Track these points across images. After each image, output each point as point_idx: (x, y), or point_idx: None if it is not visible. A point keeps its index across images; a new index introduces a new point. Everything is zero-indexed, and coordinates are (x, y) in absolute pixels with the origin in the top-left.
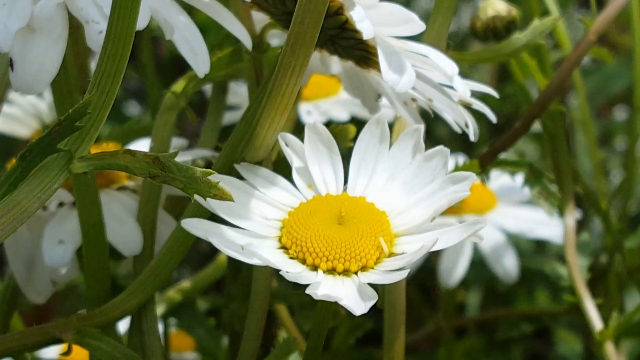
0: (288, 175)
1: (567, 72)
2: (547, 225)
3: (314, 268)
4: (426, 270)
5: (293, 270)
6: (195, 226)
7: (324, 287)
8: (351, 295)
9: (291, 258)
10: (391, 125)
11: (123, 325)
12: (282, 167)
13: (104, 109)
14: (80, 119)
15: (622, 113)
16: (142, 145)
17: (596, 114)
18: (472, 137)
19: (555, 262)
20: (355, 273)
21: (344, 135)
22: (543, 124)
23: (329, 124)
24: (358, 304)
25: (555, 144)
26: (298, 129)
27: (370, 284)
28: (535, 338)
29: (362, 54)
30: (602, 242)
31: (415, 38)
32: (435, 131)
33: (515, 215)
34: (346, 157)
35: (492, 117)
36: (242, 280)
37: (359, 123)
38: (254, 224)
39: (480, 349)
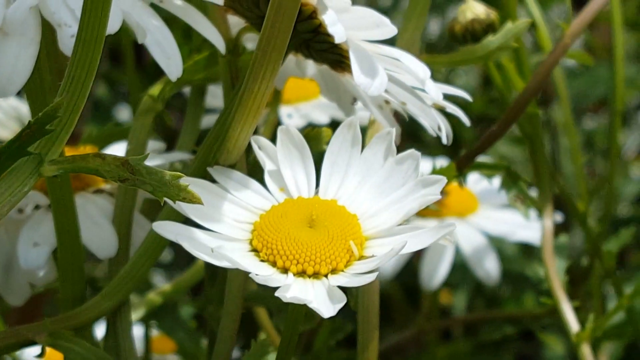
0: (263, 179)
1: (543, 75)
2: (528, 228)
3: (284, 271)
4: (412, 272)
5: (263, 273)
6: (166, 229)
7: (294, 289)
8: (321, 297)
9: (262, 261)
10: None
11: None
12: (258, 171)
13: (75, 112)
14: (51, 122)
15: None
16: (121, 148)
17: (584, 117)
18: (445, 140)
19: (537, 264)
20: (325, 276)
21: (319, 139)
22: (520, 126)
23: (309, 127)
24: (327, 307)
25: (534, 147)
26: None
27: (344, 287)
28: (523, 340)
29: (336, 57)
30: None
31: (389, 42)
32: (422, 135)
33: (496, 218)
34: (321, 160)
35: (466, 121)
36: (219, 283)
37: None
38: (225, 227)
39: (466, 352)
